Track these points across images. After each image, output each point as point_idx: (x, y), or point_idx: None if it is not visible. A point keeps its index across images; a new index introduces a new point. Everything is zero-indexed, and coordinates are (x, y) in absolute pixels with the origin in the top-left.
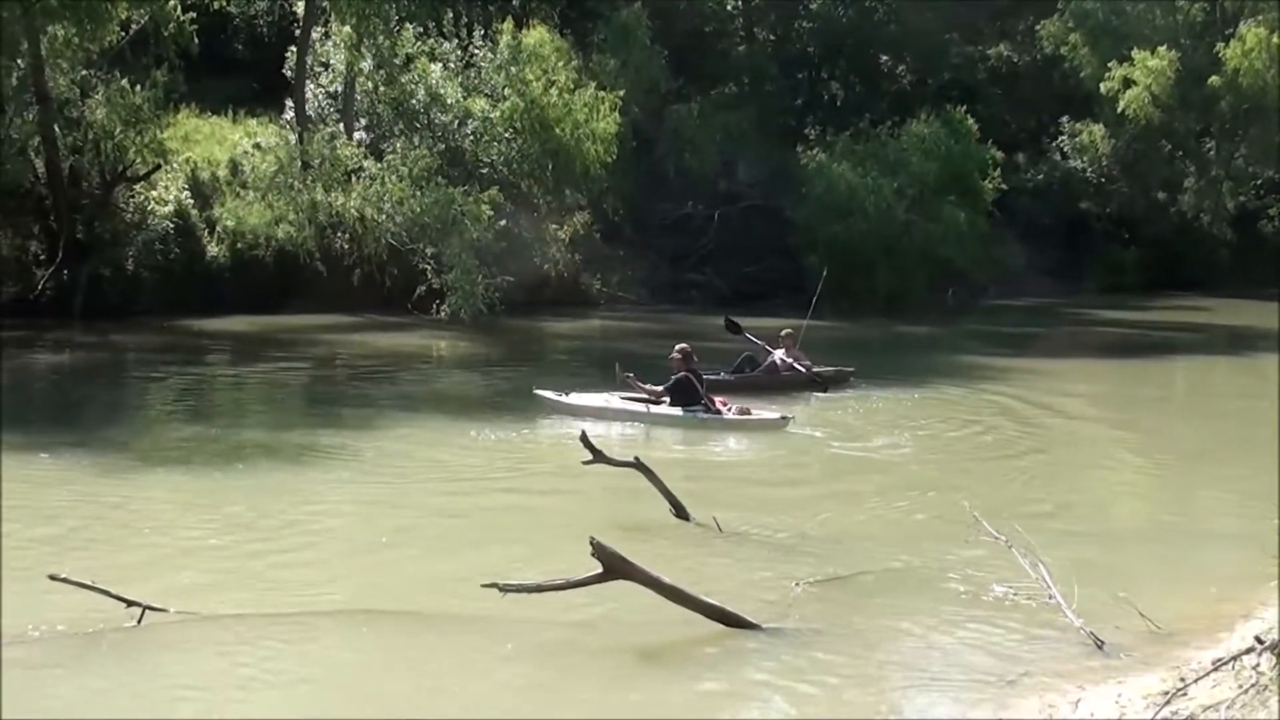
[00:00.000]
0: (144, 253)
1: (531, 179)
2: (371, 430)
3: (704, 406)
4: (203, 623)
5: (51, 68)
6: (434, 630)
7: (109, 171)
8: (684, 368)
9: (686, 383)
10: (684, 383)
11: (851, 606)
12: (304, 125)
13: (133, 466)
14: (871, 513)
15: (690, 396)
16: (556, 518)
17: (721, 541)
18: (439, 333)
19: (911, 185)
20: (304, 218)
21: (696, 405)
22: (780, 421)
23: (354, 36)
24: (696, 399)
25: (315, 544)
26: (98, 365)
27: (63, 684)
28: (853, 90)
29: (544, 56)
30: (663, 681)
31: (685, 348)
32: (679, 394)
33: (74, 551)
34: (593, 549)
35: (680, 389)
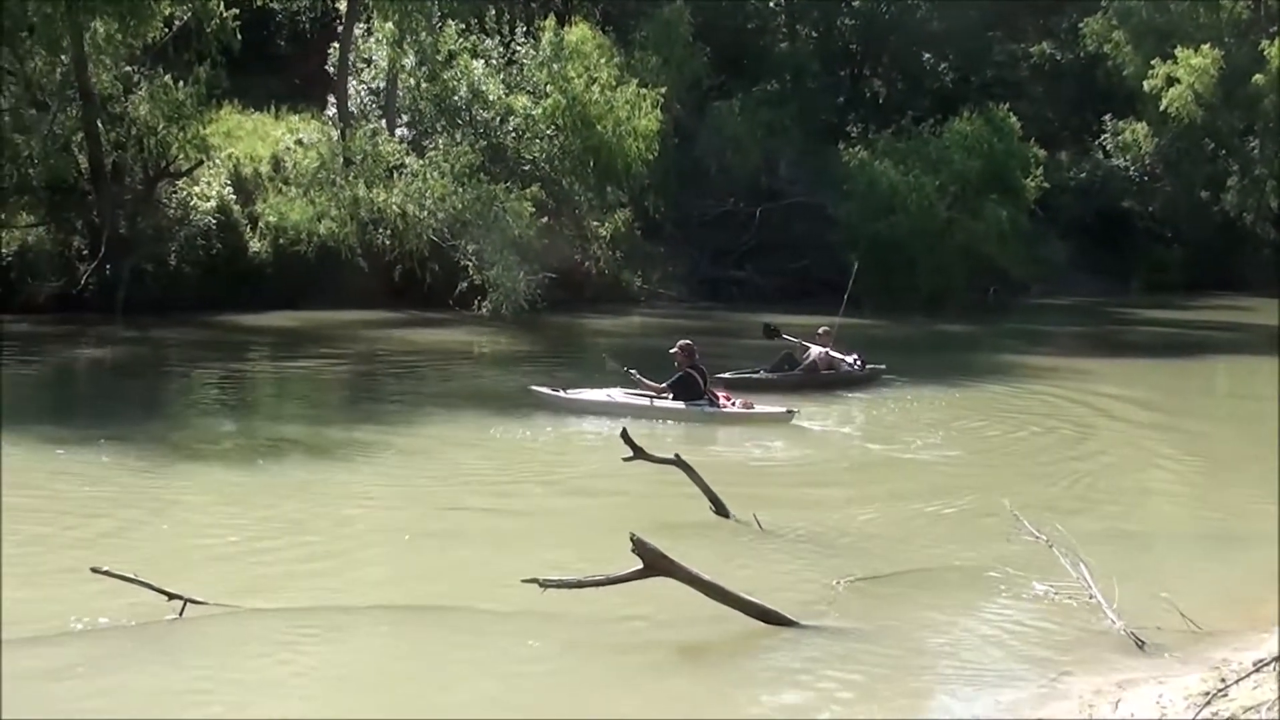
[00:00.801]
0: (186, 248)
1: (573, 176)
2: (412, 426)
3: (708, 401)
4: (243, 616)
5: (95, 64)
6: (474, 626)
7: (152, 167)
8: (687, 363)
9: (689, 378)
10: (687, 378)
11: (891, 604)
12: (346, 121)
13: (174, 461)
14: (911, 511)
15: (693, 392)
16: (596, 514)
17: (761, 539)
18: (480, 329)
19: (953, 183)
20: (346, 214)
21: (700, 400)
22: (785, 415)
23: (396, 33)
24: (699, 394)
25: (355, 539)
26: (139, 360)
27: (105, 676)
28: (895, 87)
29: (586, 53)
30: (702, 678)
31: (688, 344)
32: (682, 389)
33: (115, 545)
34: (633, 545)
35: (683, 384)
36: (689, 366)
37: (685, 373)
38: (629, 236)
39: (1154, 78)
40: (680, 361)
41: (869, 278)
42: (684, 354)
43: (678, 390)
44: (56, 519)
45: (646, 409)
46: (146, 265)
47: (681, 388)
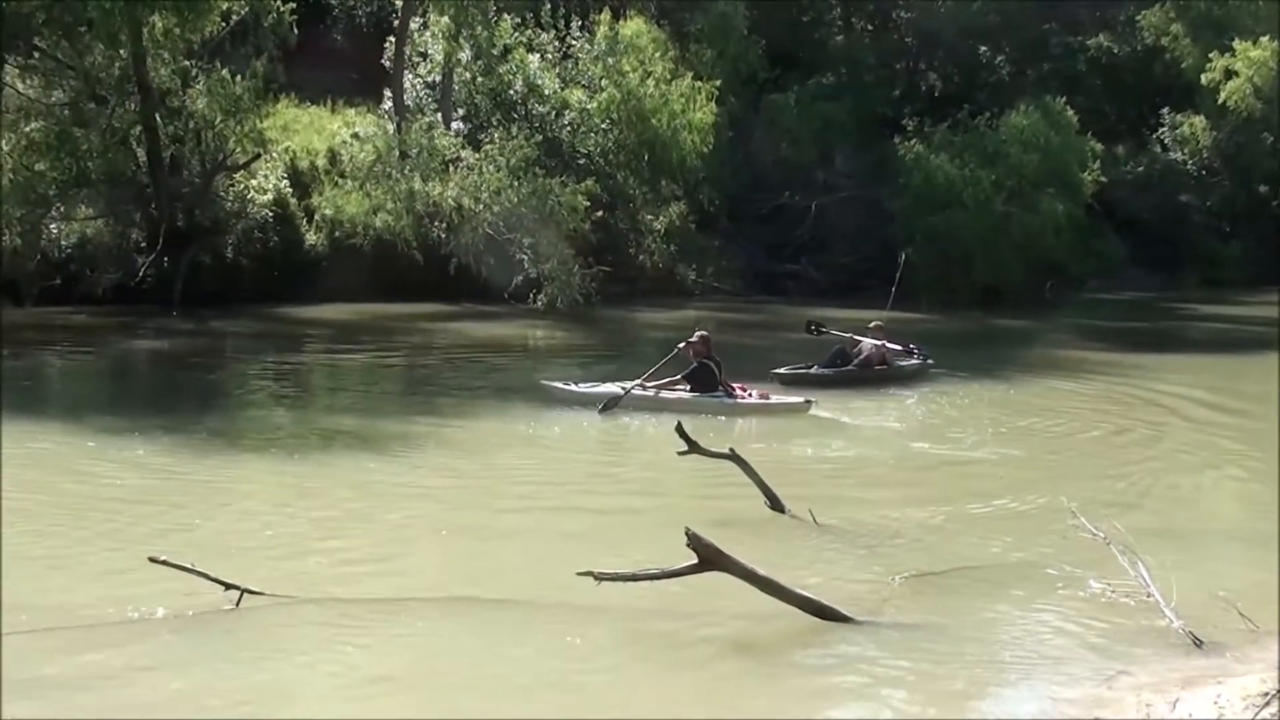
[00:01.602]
0: (243, 241)
1: (627, 170)
2: (466, 419)
3: (724, 392)
4: (299, 606)
5: (153, 58)
6: (528, 618)
7: (209, 160)
8: (703, 354)
9: (704, 370)
10: (701, 370)
11: (947, 601)
12: (402, 115)
13: (230, 452)
14: (967, 507)
15: (709, 383)
16: (650, 508)
17: (816, 534)
18: (535, 322)
19: (1010, 177)
20: (401, 207)
21: (717, 392)
22: (803, 405)
23: (452, 27)
24: (715, 385)
25: (409, 531)
26: (196, 352)
27: (160, 666)
28: (951, 81)
29: (641, 47)
30: (757, 674)
31: (705, 334)
32: (697, 381)
33: (173, 535)
34: (688, 539)
35: (698, 376)
36: (705, 358)
37: (701, 363)
38: (683, 230)
39: (1212, 71)
40: (696, 352)
41: (925, 272)
42: (700, 345)
43: (694, 382)
44: (115, 510)
45: (661, 401)
46: (204, 257)
47: (698, 380)
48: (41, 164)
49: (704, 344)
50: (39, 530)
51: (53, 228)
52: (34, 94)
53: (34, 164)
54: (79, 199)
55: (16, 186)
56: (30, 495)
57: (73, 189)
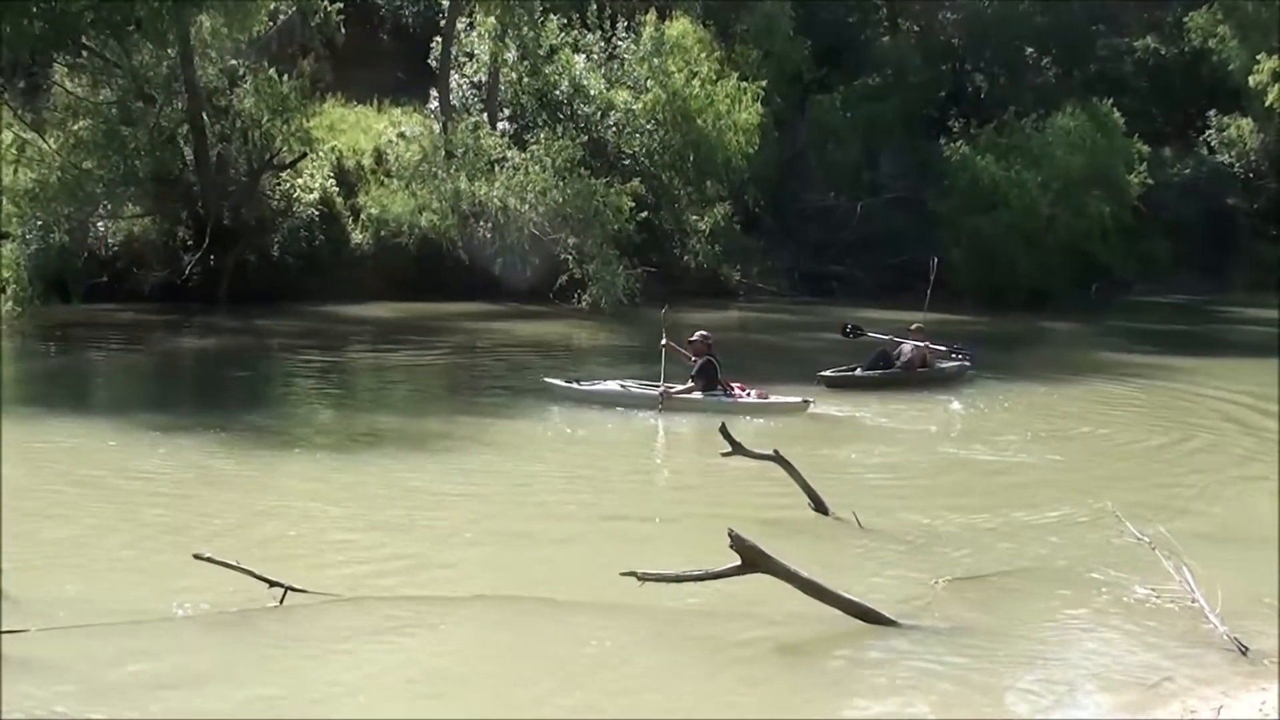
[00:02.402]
0: (289, 239)
1: (673, 170)
2: (510, 418)
3: (723, 391)
4: (343, 604)
5: (201, 57)
6: (570, 617)
7: (256, 159)
8: (705, 353)
9: (709, 367)
10: (707, 367)
11: (990, 605)
12: (448, 115)
13: (275, 450)
14: (1011, 510)
15: (711, 381)
16: (693, 509)
17: (860, 537)
18: (579, 322)
19: (1056, 179)
20: (447, 206)
21: (716, 390)
22: (801, 405)
23: (498, 27)
24: (716, 384)
25: (453, 529)
26: (242, 349)
27: (204, 664)
28: (997, 82)
29: (687, 48)
30: (799, 676)
31: (707, 334)
32: (703, 378)
33: (216, 532)
34: (731, 541)
35: (704, 373)
36: (707, 355)
37: (708, 360)
38: (728, 230)
39: (1259, 73)
40: (698, 351)
41: (970, 274)
42: (703, 344)
43: (701, 379)
44: (160, 506)
45: (661, 399)
46: (250, 256)
47: (705, 377)
48: (89, 162)
49: (704, 342)
50: (84, 526)
51: (100, 225)
52: (82, 93)
53: (82, 162)
54: (126, 197)
55: (65, 184)
56: (76, 491)
57: (120, 187)
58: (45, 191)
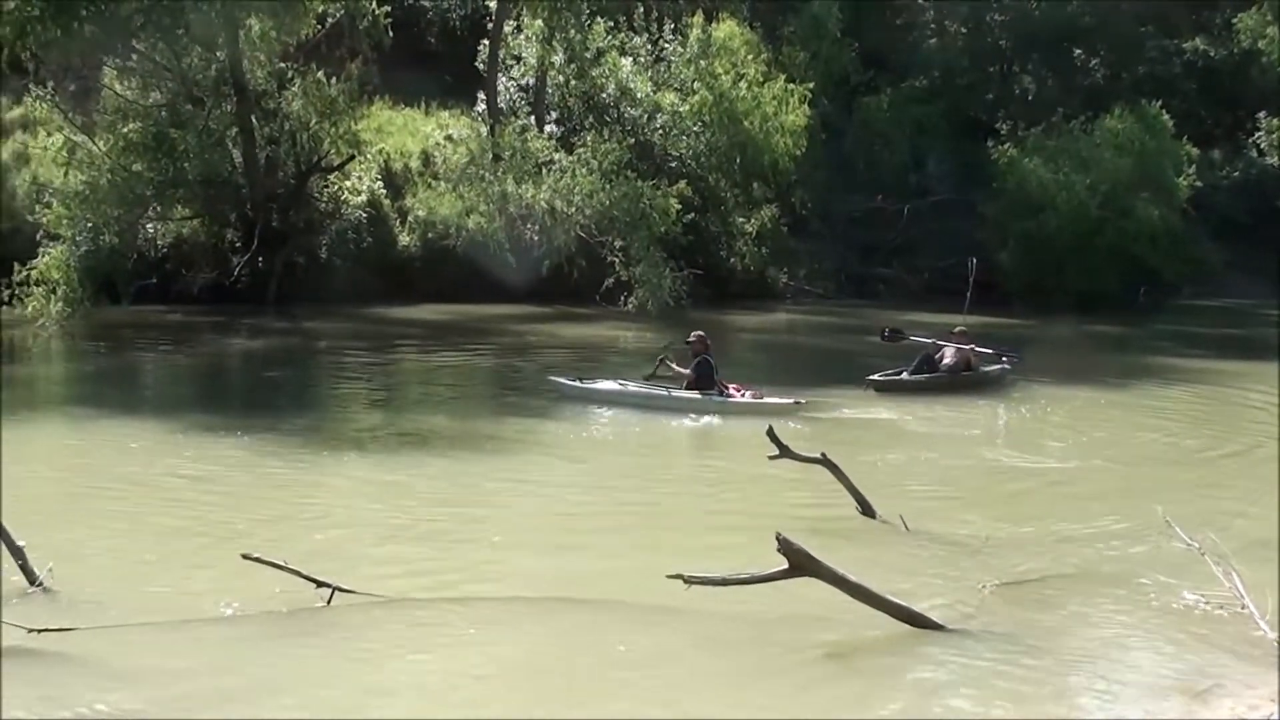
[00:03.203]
0: (337, 241)
1: (720, 172)
2: (557, 420)
3: (717, 392)
4: (390, 605)
5: (249, 60)
6: (616, 619)
7: (304, 162)
8: (701, 352)
9: (705, 367)
10: (702, 365)
11: (1038, 610)
12: (495, 118)
13: (323, 451)
14: (1058, 515)
15: (707, 381)
16: (740, 512)
17: (907, 540)
18: (626, 325)
19: (1104, 182)
20: (494, 209)
21: (711, 390)
22: (793, 406)
23: (546, 30)
24: (711, 384)
25: (499, 531)
26: (290, 351)
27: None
28: (1045, 84)
29: (734, 50)
30: (846, 680)
31: (702, 334)
32: (700, 375)
33: (265, 532)
34: (779, 545)
35: (699, 370)
36: (704, 355)
37: (704, 359)
38: (775, 233)
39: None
40: (696, 351)
41: (1018, 277)
42: (699, 344)
43: (697, 375)
44: (209, 506)
45: (658, 398)
46: (298, 258)
47: (700, 373)
48: (139, 164)
49: (701, 343)
50: (133, 525)
51: (149, 227)
52: (132, 95)
53: (132, 164)
54: (175, 199)
55: (114, 187)
56: (124, 490)
57: (169, 189)
58: (95, 194)
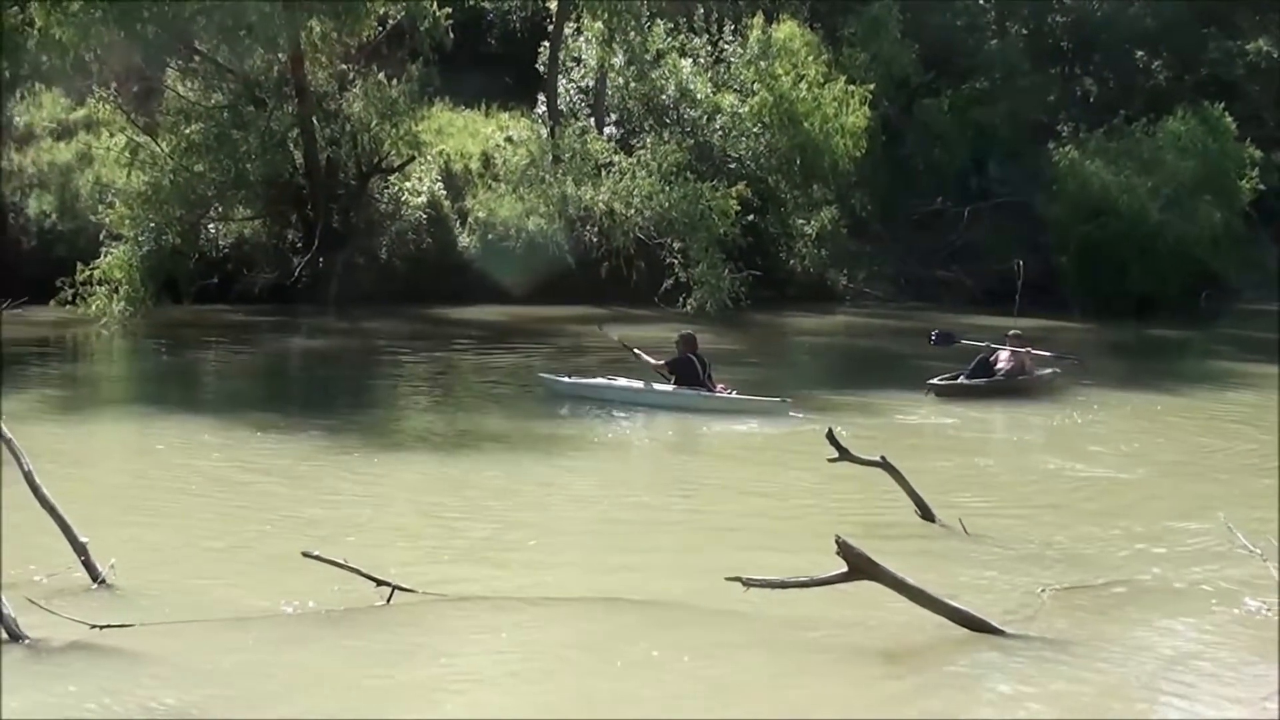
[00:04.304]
0: (397, 242)
1: (779, 174)
2: (615, 422)
3: (705, 388)
4: (450, 604)
5: (311, 62)
6: (674, 621)
7: (365, 163)
8: (688, 351)
9: (688, 363)
10: (686, 362)
11: (1098, 616)
12: (555, 119)
13: (382, 449)
14: (1118, 520)
15: (691, 378)
16: (798, 514)
17: (966, 544)
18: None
19: (1166, 185)
20: (554, 210)
21: (698, 387)
22: (780, 405)
23: (606, 32)
24: (698, 381)
25: (558, 530)
26: (349, 350)
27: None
28: (1106, 86)
29: (794, 51)
30: (906, 683)
31: (690, 334)
32: (681, 373)
33: (325, 530)
34: (838, 548)
35: (682, 367)
36: (689, 354)
37: (686, 357)
38: (835, 235)
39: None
40: (682, 350)
41: (1079, 281)
42: (686, 343)
43: (677, 372)
44: (269, 504)
45: (645, 393)
46: (358, 258)
47: (680, 370)
48: (201, 165)
49: (688, 342)
50: (193, 523)
51: (211, 228)
52: (194, 96)
53: (194, 165)
54: (237, 200)
55: (177, 187)
56: (186, 488)
57: (231, 190)
58: (158, 194)
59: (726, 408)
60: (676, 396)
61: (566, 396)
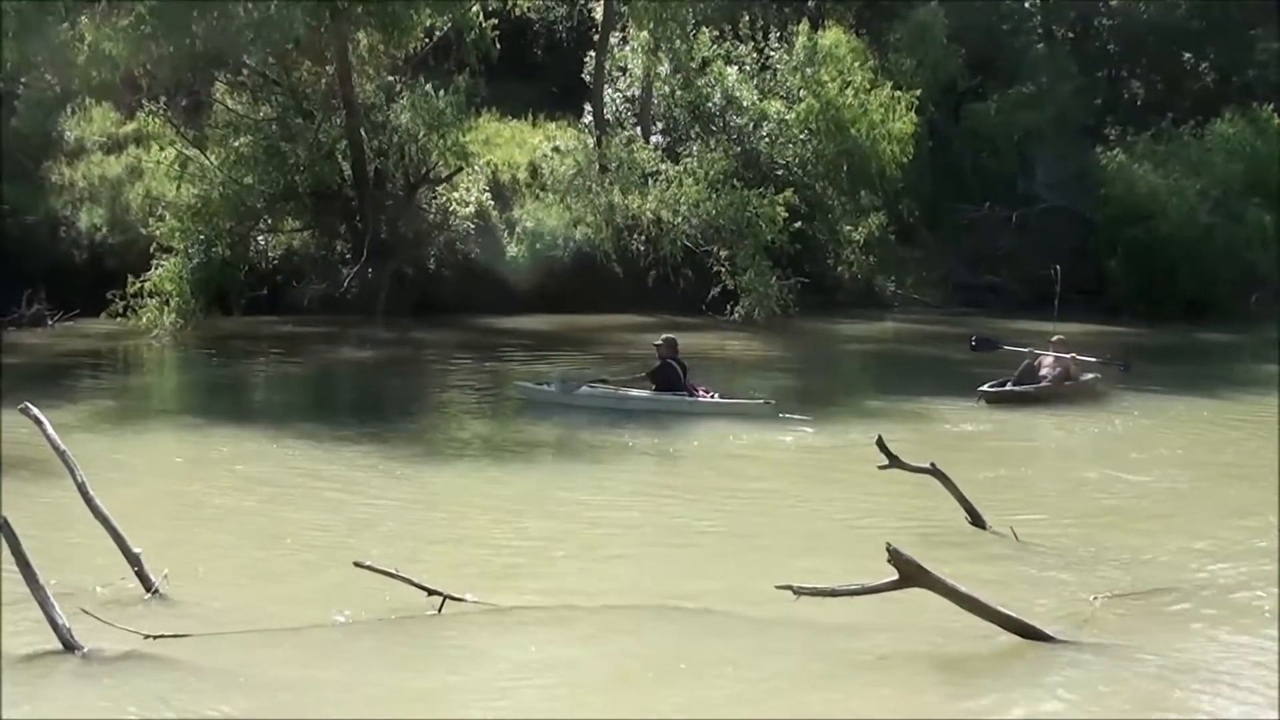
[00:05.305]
0: (445, 252)
1: (826, 180)
2: (663, 430)
3: (686, 393)
4: (501, 614)
5: (358, 74)
6: (724, 629)
7: (412, 174)
8: (667, 356)
9: (668, 369)
10: (666, 369)
11: (1149, 623)
12: (602, 129)
13: (432, 459)
14: (1169, 525)
15: (672, 383)
16: (847, 522)
17: (1016, 551)
18: (732, 334)
19: (1214, 187)
20: (601, 219)
21: (680, 391)
22: (764, 406)
23: (651, 41)
24: (679, 386)
25: (608, 540)
26: (399, 360)
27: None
28: (1154, 89)
29: (840, 57)
30: (958, 690)
31: (672, 338)
32: (661, 379)
33: (376, 540)
34: (889, 555)
35: (663, 374)
36: (669, 359)
37: (665, 363)
38: (882, 241)
39: None
40: (662, 355)
41: (1128, 284)
42: (666, 348)
43: (658, 379)
44: (321, 514)
45: (628, 399)
46: (406, 269)
47: (661, 377)
48: (250, 178)
49: (669, 346)
50: (246, 533)
51: (260, 239)
52: (243, 110)
53: (243, 178)
54: (286, 212)
55: (226, 200)
56: (237, 498)
57: (280, 202)
58: (207, 206)
59: (709, 412)
60: (658, 402)
61: (548, 404)
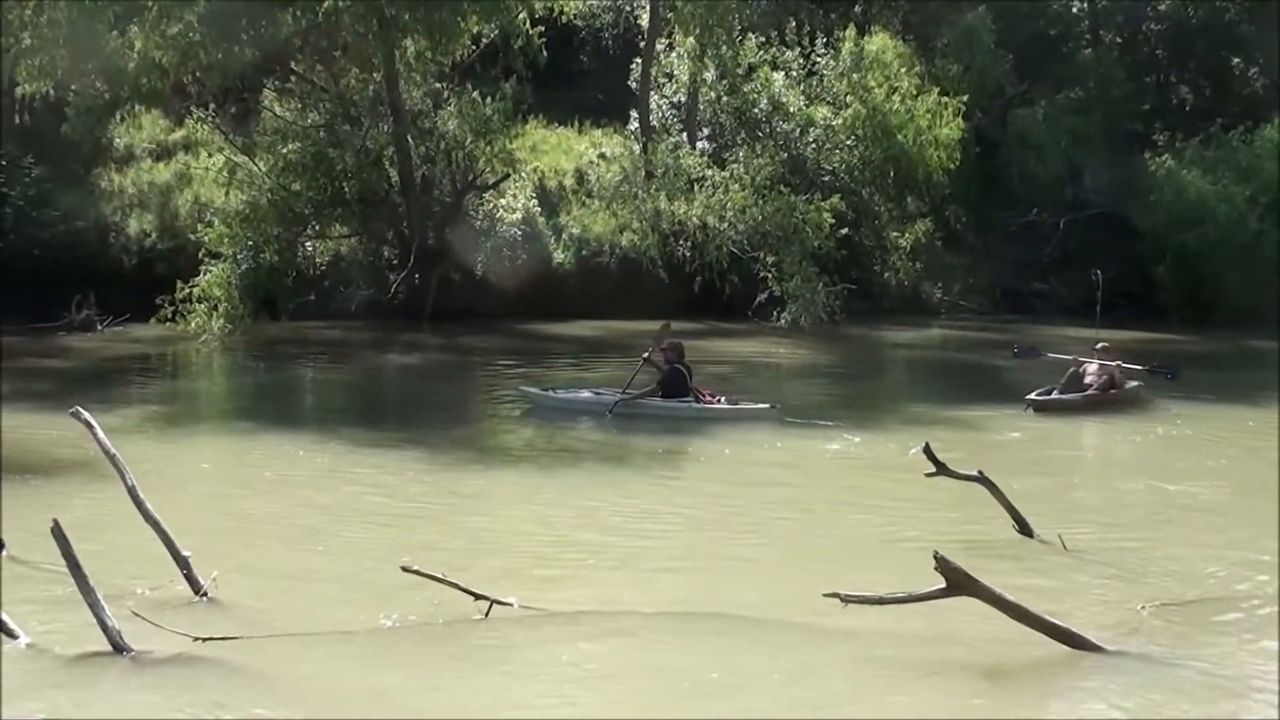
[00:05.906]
0: (492, 258)
1: (873, 186)
2: (709, 436)
3: (693, 398)
4: (547, 619)
5: (405, 81)
6: (772, 637)
7: (459, 180)
8: (674, 361)
9: (676, 375)
10: (673, 375)
11: (1198, 632)
12: (648, 135)
13: (479, 464)
14: (1216, 535)
15: (679, 388)
16: (893, 530)
17: (1064, 559)
18: (779, 340)
19: (1264, 193)
20: (647, 225)
21: (687, 397)
22: (770, 411)
23: (697, 47)
24: (685, 391)
25: (653, 545)
26: (446, 366)
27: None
28: (1203, 94)
29: (886, 62)
30: (1003, 701)
31: (677, 342)
32: (670, 385)
33: (423, 545)
34: (937, 564)
35: (671, 380)
36: (676, 364)
37: (673, 369)
38: (929, 247)
39: None
40: (668, 360)
41: (1176, 291)
42: (671, 352)
43: (665, 387)
44: (368, 518)
45: (633, 407)
46: (453, 274)
47: (668, 381)
48: (298, 184)
49: (675, 351)
50: (294, 537)
51: (308, 245)
52: (291, 116)
53: (291, 184)
54: (334, 218)
55: (274, 206)
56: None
57: (328, 208)
58: (256, 213)
59: (716, 417)
60: (664, 408)
61: (552, 409)
